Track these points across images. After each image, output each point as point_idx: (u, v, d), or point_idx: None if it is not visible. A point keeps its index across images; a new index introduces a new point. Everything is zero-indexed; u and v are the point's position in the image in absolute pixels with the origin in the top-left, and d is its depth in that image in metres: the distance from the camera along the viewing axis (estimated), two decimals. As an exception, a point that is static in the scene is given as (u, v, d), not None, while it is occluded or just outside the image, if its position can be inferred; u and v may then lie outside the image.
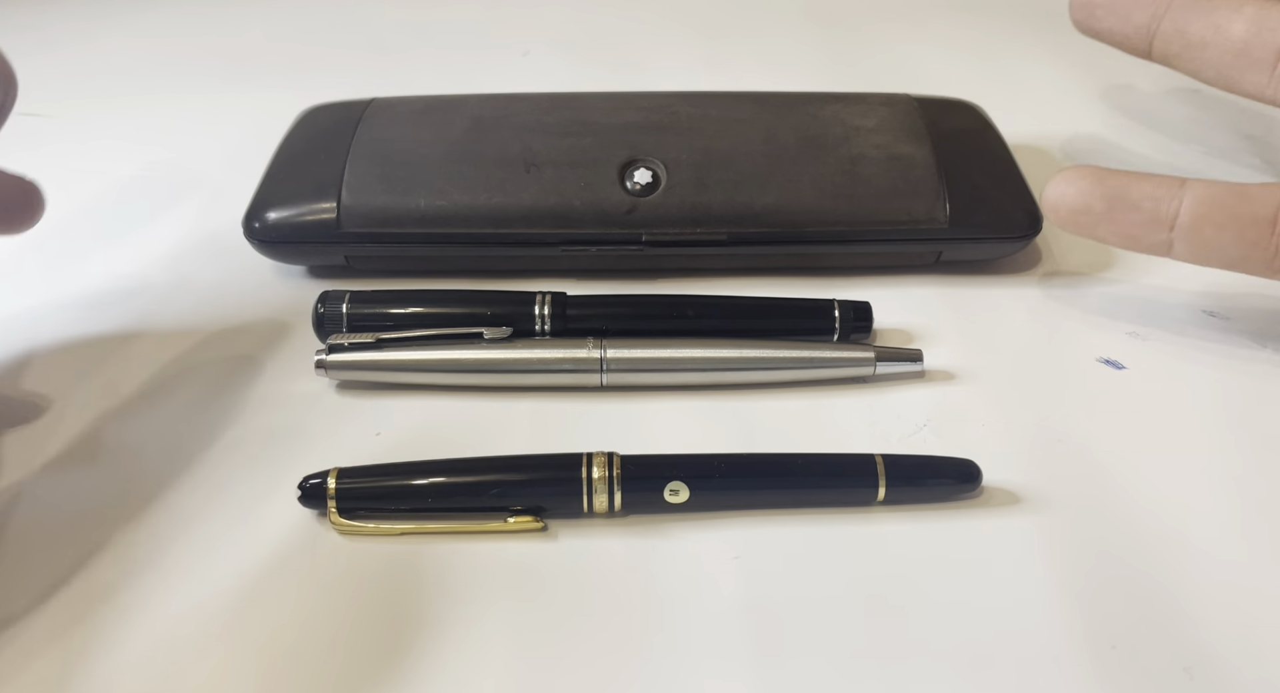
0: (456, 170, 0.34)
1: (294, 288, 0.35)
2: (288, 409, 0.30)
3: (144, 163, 0.41)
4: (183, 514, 0.27)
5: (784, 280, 0.35)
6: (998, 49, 0.49)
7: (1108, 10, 0.34)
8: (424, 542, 0.27)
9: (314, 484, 0.27)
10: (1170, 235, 0.30)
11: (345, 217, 0.33)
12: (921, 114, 0.36)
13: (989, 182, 0.35)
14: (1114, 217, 0.30)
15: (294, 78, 0.47)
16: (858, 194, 0.34)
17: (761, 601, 0.25)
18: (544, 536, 0.27)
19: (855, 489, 0.27)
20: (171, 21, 0.53)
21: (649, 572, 0.26)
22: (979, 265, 0.35)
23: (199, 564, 0.26)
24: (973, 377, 0.31)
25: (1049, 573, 0.26)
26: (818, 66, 0.48)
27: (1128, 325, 0.33)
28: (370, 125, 0.36)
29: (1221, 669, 0.23)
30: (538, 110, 0.36)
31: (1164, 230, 0.30)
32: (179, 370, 0.32)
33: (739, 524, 0.27)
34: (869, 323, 0.32)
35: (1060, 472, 0.28)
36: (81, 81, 0.48)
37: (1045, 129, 0.42)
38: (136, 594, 0.25)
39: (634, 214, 0.33)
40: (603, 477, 0.27)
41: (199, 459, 0.29)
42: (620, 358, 0.30)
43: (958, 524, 0.27)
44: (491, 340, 0.31)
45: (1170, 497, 0.28)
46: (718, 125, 0.35)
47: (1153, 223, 0.30)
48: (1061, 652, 0.24)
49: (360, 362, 0.31)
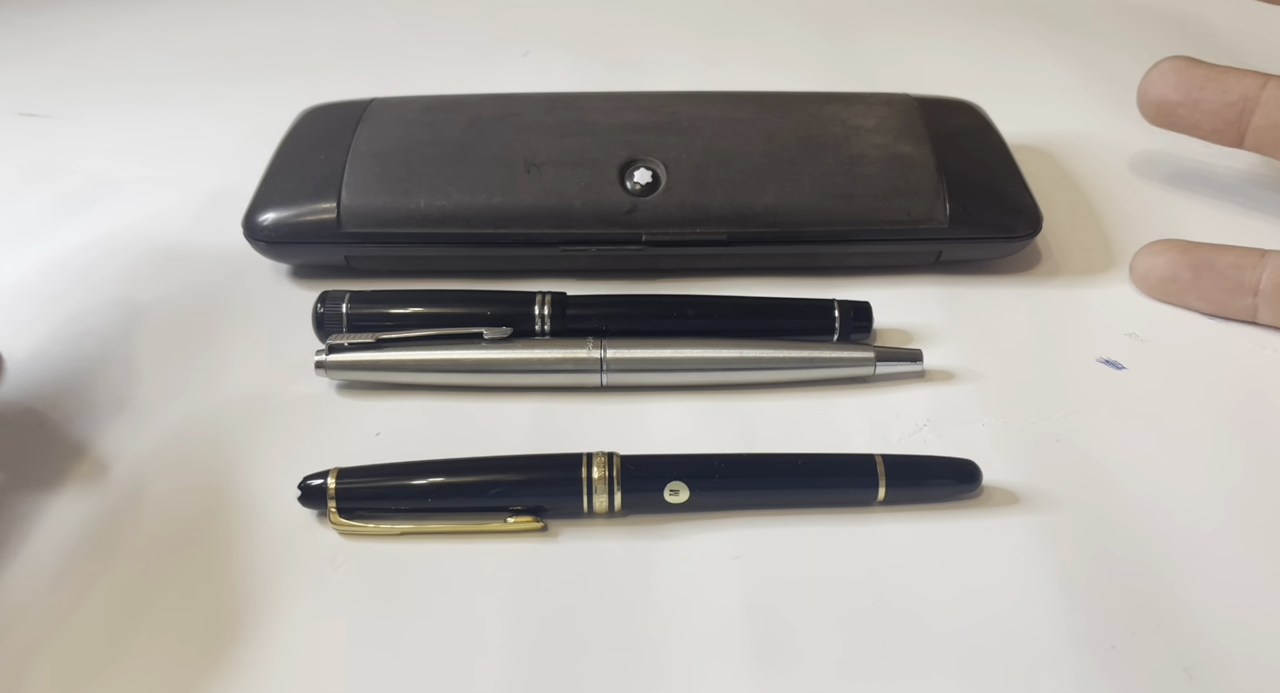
0: (456, 170, 0.34)
1: (294, 288, 0.35)
2: (288, 409, 0.30)
3: (144, 162, 0.41)
4: (183, 515, 0.27)
5: (784, 280, 0.35)
6: (998, 49, 0.49)
7: (1191, 109, 0.34)
8: (424, 542, 0.27)
9: (314, 484, 0.27)
10: (1255, 300, 0.32)
11: (345, 217, 0.33)
12: (921, 114, 0.36)
13: (989, 181, 0.35)
14: (1201, 285, 0.32)
15: (294, 78, 0.47)
16: (858, 194, 0.34)
17: (761, 601, 0.25)
18: (544, 536, 0.27)
19: (855, 489, 0.27)
20: (171, 21, 0.53)
21: (649, 572, 0.26)
22: (979, 265, 0.35)
23: (199, 564, 0.26)
24: (973, 377, 0.31)
25: (1049, 573, 0.26)
26: (818, 66, 0.48)
27: (1128, 325, 0.33)
28: (370, 125, 0.36)
29: (1221, 669, 0.23)
30: (538, 110, 0.36)
31: (1249, 296, 0.32)
32: (178, 370, 0.32)
33: (739, 524, 0.27)
34: (869, 323, 0.32)
35: (1060, 472, 0.28)
36: (81, 81, 0.48)
37: (1045, 129, 0.42)
38: (135, 595, 0.25)
39: (634, 214, 0.33)
40: (603, 477, 0.27)
41: (199, 459, 0.29)
42: (620, 358, 0.30)
43: (958, 524, 0.27)
44: (491, 340, 0.31)
45: (1170, 497, 0.28)
46: (718, 125, 0.35)
47: (1237, 289, 0.32)
48: (1061, 652, 0.24)
49: (360, 362, 0.31)
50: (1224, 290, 0.32)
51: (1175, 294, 0.33)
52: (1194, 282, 0.32)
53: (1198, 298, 0.33)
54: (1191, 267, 0.32)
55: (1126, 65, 0.37)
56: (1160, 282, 0.33)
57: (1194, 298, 0.33)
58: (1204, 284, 0.32)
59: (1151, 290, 0.33)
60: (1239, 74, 0.34)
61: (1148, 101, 0.35)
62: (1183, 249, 0.33)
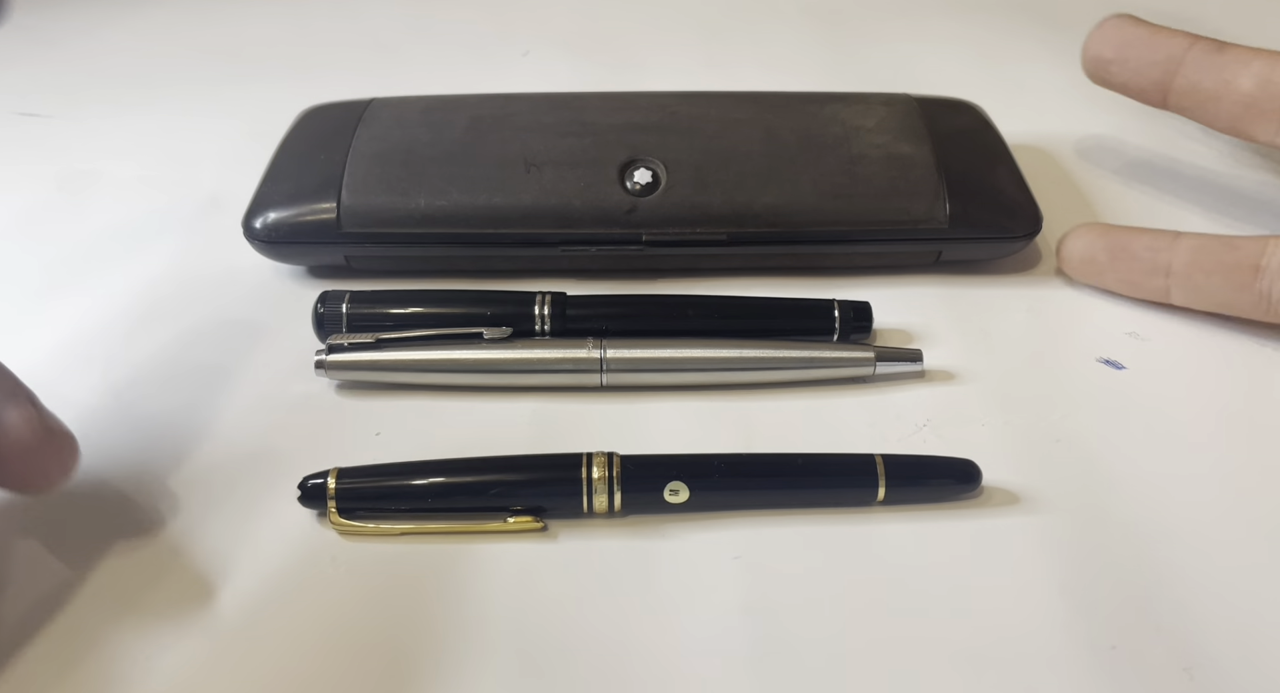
0: (456, 170, 0.34)
1: (294, 288, 0.35)
2: (288, 409, 0.30)
3: (144, 163, 0.41)
4: (183, 515, 0.27)
5: (784, 280, 0.35)
6: (998, 49, 0.49)
7: (1121, 66, 0.35)
8: (424, 542, 0.27)
9: (314, 484, 0.27)
10: (1168, 281, 0.32)
11: (345, 217, 0.33)
12: (921, 114, 0.36)
13: (989, 181, 0.35)
14: (1117, 266, 0.33)
15: (294, 78, 0.47)
16: (857, 194, 0.34)
17: (761, 601, 0.25)
18: (544, 536, 0.27)
19: (855, 489, 0.27)
20: (171, 21, 0.53)
21: (649, 572, 0.26)
22: (979, 265, 0.35)
23: (199, 564, 0.26)
24: (973, 377, 0.31)
25: (1049, 573, 0.26)
26: (818, 66, 0.48)
27: (1128, 325, 0.33)
28: (370, 125, 0.36)
29: (1221, 669, 0.23)
30: (538, 110, 0.36)
31: (1161, 277, 0.32)
32: (178, 370, 0.32)
33: (739, 524, 0.27)
34: (869, 323, 0.32)
35: (1060, 472, 0.28)
36: (81, 81, 0.48)
37: (1045, 129, 0.42)
38: (136, 594, 0.25)
39: (634, 214, 0.33)
40: (603, 477, 0.27)
41: (199, 459, 0.29)
42: (620, 358, 0.30)
43: (958, 524, 0.27)
44: (491, 340, 0.31)
45: (1170, 497, 0.28)
46: (717, 125, 0.35)
47: (1151, 271, 0.32)
48: (1061, 652, 0.24)
49: (360, 362, 0.31)
50: (1138, 272, 0.33)
51: (1094, 275, 0.34)
52: (1110, 264, 0.33)
53: (1115, 279, 0.33)
54: (1108, 249, 0.33)
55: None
56: (1080, 263, 0.34)
57: (1112, 279, 0.33)
58: (1120, 266, 0.33)
59: (1073, 272, 0.34)
60: (1169, 34, 0.34)
61: (1087, 58, 0.36)
62: (1101, 232, 0.34)
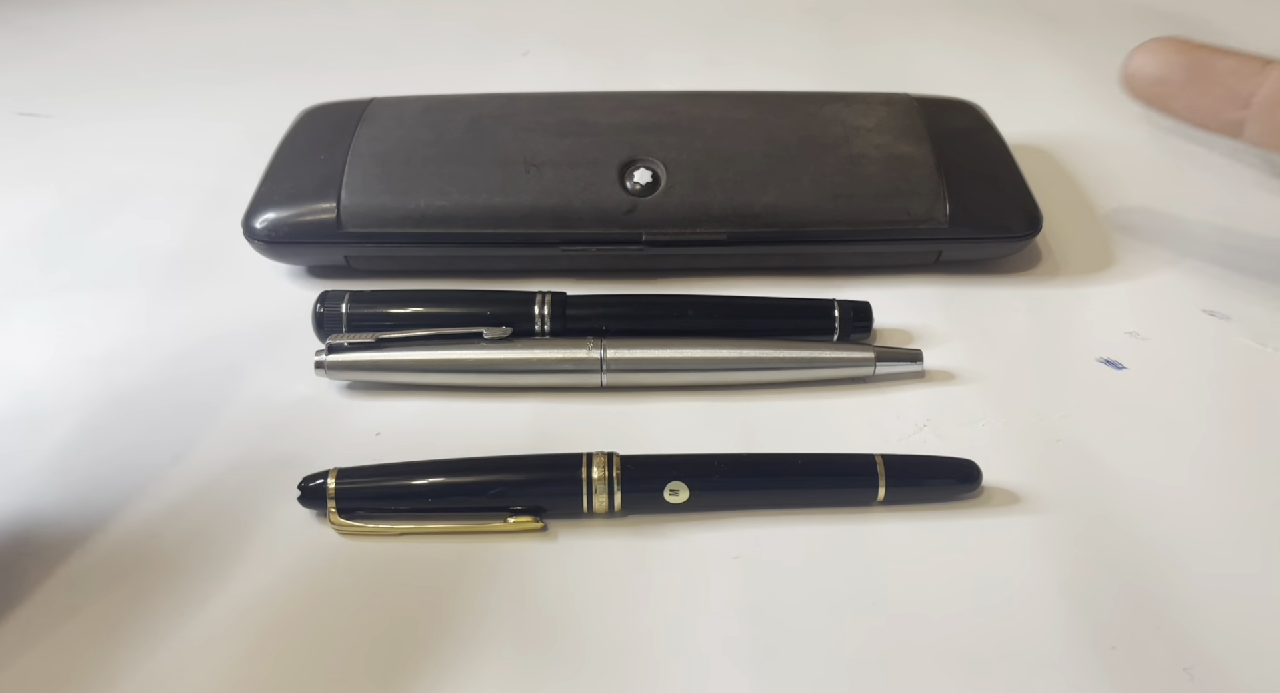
0: (456, 170, 0.34)
1: (294, 288, 0.35)
2: (288, 409, 0.30)
3: (143, 162, 0.41)
4: (182, 515, 0.27)
5: (784, 280, 0.35)
6: (998, 49, 0.49)
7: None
8: (424, 542, 0.27)
9: (314, 484, 0.27)
10: (1244, 114, 0.30)
11: (345, 217, 0.33)
12: (921, 114, 0.36)
13: (989, 181, 0.35)
14: (1191, 90, 0.30)
15: (294, 78, 0.47)
16: (858, 194, 0.34)
17: (761, 601, 0.25)
18: (544, 536, 0.27)
19: (855, 489, 0.27)
20: (171, 21, 0.53)
21: (649, 572, 0.26)
22: (979, 265, 0.35)
23: (199, 564, 0.26)
24: (973, 377, 0.31)
25: (1049, 573, 0.26)
26: (818, 66, 0.48)
27: (1128, 325, 0.33)
28: (370, 125, 0.36)
29: (1221, 669, 0.23)
30: (538, 110, 0.36)
31: (1239, 108, 0.30)
32: (178, 370, 0.32)
33: (739, 524, 0.27)
34: (869, 323, 0.32)
35: (1060, 472, 0.28)
36: (81, 81, 0.48)
37: (1045, 129, 0.42)
38: (136, 594, 0.25)
39: (634, 214, 0.33)
40: (602, 477, 0.27)
41: (198, 460, 0.29)
42: (620, 358, 0.30)
43: (958, 524, 0.27)
44: (491, 340, 0.31)
45: (1170, 497, 0.28)
46: (718, 125, 0.35)
47: (1229, 100, 0.30)
48: (1061, 652, 0.24)
49: (360, 362, 0.31)
50: (1215, 99, 0.30)
51: (1163, 99, 0.31)
52: (1185, 86, 0.30)
53: (1184, 106, 0.30)
54: (1187, 68, 0.30)
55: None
56: (1150, 83, 0.31)
57: (1181, 105, 0.31)
58: (1195, 90, 0.30)
59: (1139, 92, 0.31)
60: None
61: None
62: (1179, 47, 0.30)
